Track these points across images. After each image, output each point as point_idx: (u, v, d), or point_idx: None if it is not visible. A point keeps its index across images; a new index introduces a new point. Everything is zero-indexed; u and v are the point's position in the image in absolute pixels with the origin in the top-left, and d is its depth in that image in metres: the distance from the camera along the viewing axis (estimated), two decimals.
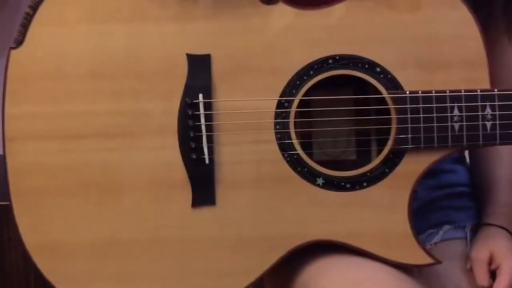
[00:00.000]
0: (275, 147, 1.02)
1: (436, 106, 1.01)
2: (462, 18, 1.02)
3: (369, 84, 1.03)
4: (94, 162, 1.02)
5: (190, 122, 1.02)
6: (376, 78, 1.02)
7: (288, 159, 1.02)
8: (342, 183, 1.02)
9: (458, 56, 1.02)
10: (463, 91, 1.01)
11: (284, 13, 1.03)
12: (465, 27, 1.02)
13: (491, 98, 1.01)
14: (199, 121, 1.02)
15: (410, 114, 1.01)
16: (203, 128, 1.02)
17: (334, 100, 1.06)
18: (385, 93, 1.02)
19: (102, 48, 1.03)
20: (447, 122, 1.01)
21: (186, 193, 1.02)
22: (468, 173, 1.22)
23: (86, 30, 1.04)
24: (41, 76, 1.04)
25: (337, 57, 1.02)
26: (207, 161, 1.01)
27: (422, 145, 1.01)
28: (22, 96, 1.03)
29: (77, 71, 1.03)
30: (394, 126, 1.02)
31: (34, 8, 1.04)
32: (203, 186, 1.02)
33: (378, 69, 1.02)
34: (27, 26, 1.04)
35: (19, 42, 1.04)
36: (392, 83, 1.02)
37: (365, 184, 1.02)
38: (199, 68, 1.03)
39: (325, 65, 1.02)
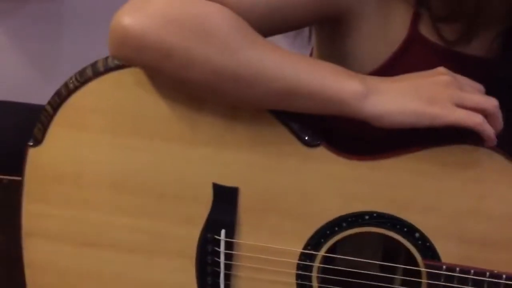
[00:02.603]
0: None
1: None
2: None
3: (403, 246, 0.94)
4: (107, 273, 0.99)
5: (209, 258, 0.97)
6: (413, 244, 0.94)
7: None
8: None
9: (506, 237, 0.92)
10: (504, 277, 0.92)
11: (324, 158, 0.92)
12: None
13: None
14: (219, 257, 0.96)
15: None
16: (222, 266, 0.96)
17: (361, 249, 0.98)
18: (420, 261, 0.94)
19: (124, 162, 0.96)
20: None
21: None
22: None
23: (109, 141, 0.96)
24: (58, 179, 0.98)
25: (375, 214, 0.93)
26: None
27: None
28: (38, 196, 0.99)
29: (96, 180, 0.97)
30: None
31: (54, 108, 0.96)
32: None
33: (417, 235, 0.93)
34: (46, 125, 0.96)
35: (37, 141, 0.97)
36: (430, 252, 0.94)
37: None
38: (225, 200, 0.95)
39: (360, 220, 0.94)
